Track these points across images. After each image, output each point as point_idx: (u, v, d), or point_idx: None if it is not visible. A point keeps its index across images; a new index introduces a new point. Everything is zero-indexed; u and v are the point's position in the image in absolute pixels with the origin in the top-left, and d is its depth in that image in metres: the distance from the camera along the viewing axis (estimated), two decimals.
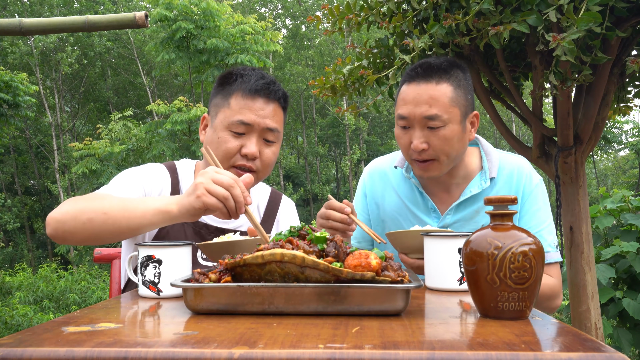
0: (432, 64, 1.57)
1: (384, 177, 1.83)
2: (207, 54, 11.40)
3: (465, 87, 1.60)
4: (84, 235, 1.32)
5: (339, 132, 25.59)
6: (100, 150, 11.34)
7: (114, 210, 1.29)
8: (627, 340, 3.32)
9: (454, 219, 1.69)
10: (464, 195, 1.68)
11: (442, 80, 1.55)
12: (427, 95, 1.54)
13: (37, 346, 0.75)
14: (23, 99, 8.85)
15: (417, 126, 1.57)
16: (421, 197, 1.74)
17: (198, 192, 1.21)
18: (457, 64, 1.61)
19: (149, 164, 1.67)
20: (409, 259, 1.47)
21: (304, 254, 0.97)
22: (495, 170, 1.68)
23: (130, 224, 1.28)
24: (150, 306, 1.10)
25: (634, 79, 2.62)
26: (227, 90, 1.57)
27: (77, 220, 1.30)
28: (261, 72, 1.59)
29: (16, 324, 6.98)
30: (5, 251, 17.74)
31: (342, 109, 2.77)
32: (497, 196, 0.96)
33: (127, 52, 22.10)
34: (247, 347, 0.73)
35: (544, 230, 1.65)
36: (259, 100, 1.54)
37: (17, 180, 21.47)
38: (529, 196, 1.67)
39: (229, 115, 1.53)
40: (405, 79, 1.61)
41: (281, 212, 1.80)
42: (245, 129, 1.52)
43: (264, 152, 1.56)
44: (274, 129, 1.56)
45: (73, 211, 1.32)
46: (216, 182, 1.21)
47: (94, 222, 1.29)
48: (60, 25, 2.51)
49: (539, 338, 0.81)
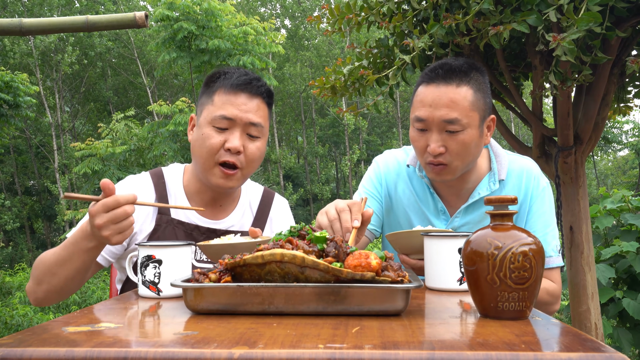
0: (453, 66, 1.52)
1: (398, 168, 1.78)
2: (208, 54, 11.39)
3: (485, 90, 1.56)
4: (54, 298, 1.47)
5: (339, 132, 25.61)
6: (102, 151, 11.33)
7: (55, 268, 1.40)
8: (627, 340, 3.32)
9: (463, 221, 1.67)
10: (473, 197, 1.65)
11: (462, 83, 1.51)
12: (448, 98, 1.50)
13: (37, 346, 0.75)
14: (23, 100, 8.85)
15: (435, 129, 1.53)
16: (432, 198, 1.71)
17: (101, 233, 1.26)
18: (476, 67, 1.57)
19: (130, 176, 1.69)
20: (410, 260, 1.46)
21: (303, 254, 0.97)
22: (504, 172, 1.65)
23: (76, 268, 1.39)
24: (150, 306, 1.10)
25: (634, 79, 2.62)
26: (211, 88, 1.59)
27: (41, 288, 1.45)
28: (245, 70, 1.61)
29: (16, 324, 6.98)
30: (5, 251, 17.74)
31: (342, 110, 2.78)
32: (497, 196, 0.96)
33: (128, 52, 22.10)
34: (247, 347, 0.73)
35: (548, 234, 1.63)
36: (241, 96, 1.55)
37: (17, 180, 21.48)
38: (537, 199, 1.65)
39: (212, 111, 1.55)
40: (424, 80, 1.56)
41: (274, 210, 1.80)
42: (228, 123, 1.53)
43: (248, 147, 1.56)
44: (257, 123, 1.56)
45: (33, 283, 1.47)
46: (114, 220, 1.27)
47: (53, 285, 1.43)
48: (60, 25, 2.51)
49: (539, 338, 0.81)
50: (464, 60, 1.56)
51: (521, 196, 1.65)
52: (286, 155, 25.12)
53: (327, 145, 26.55)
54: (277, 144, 24.60)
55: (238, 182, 1.58)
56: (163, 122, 11.62)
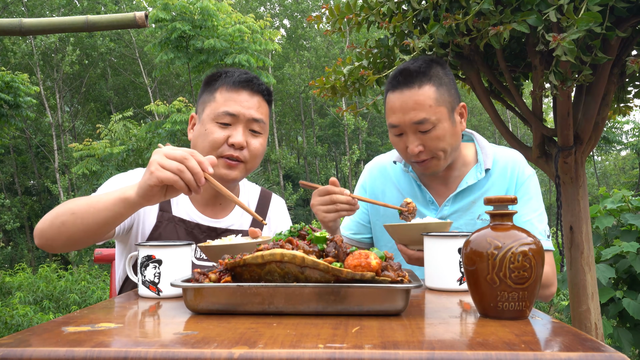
0: (411, 69, 1.60)
1: (384, 172, 1.87)
2: (205, 54, 11.39)
3: (447, 83, 1.63)
4: (62, 240, 1.35)
5: (339, 132, 25.61)
6: (100, 151, 11.33)
7: (80, 209, 1.31)
8: (627, 340, 3.32)
9: (452, 210, 1.74)
10: (461, 186, 1.73)
11: (423, 84, 1.58)
12: (412, 101, 1.58)
13: (37, 346, 0.75)
14: (24, 100, 8.84)
15: (409, 132, 1.61)
16: (419, 190, 1.79)
17: (152, 169, 1.20)
18: (435, 61, 1.64)
19: (137, 168, 1.70)
20: (409, 250, 1.49)
21: (303, 254, 0.97)
22: (490, 161, 1.73)
23: (97, 218, 1.29)
24: (150, 306, 1.10)
25: (634, 79, 2.62)
26: (213, 87, 1.62)
27: (52, 226, 1.34)
28: (244, 70, 1.66)
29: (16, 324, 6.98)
30: (5, 251, 17.74)
31: (342, 109, 2.78)
32: (497, 196, 0.96)
33: (129, 52, 22.10)
34: (247, 347, 0.73)
35: (534, 218, 1.70)
36: (243, 93, 1.59)
37: (17, 180, 21.47)
38: (522, 186, 1.73)
39: (215, 107, 1.58)
40: (389, 88, 1.65)
41: (272, 210, 1.83)
42: (231, 119, 1.57)
43: (251, 142, 1.60)
44: (260, 119, 1.60)
45: (49, 218, 1.36)
46: (169, 156, 1.21)
47: (66, 224, 1.32)
48: (60, 25, 2.51)
49: (538, 338, 0.81)
50: (422, 60, 1.64)
51: (506, 184, 1.73)
52: (286, 155, 25.11)
53: (327, 145, 26.55)
54: (277, 144, 24.60)
55: (241, 174, 1.61)
56: (161, 122, 11.62)
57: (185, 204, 1.67)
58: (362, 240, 1.90)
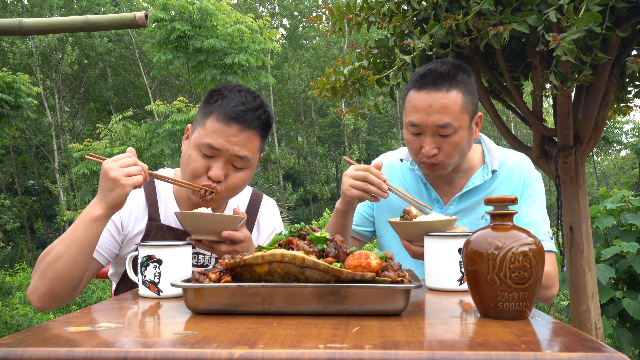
0: (441, 71, 1.58)
1: (391, 169, 1.87)
2: (205, 54, 11.38)
3: (472, 91, 1.62)
4: (62, 288, 1.38)
5: (339, 132, 25.62)
6: (100, 151, 11.33)
7: (61, 250, 1.35)
8: (627, 340, 3.32)
9: (457, 209, 1.74)
10: (467, 187, 1.73)
11: (452, 88, 1.57)
12: (439, 104, 1.56)
13: (37, 346, 0.75)
14: (25, 100, 8.84)
15: (428, 133, 1.60)
16: (425, 189, 1.79)
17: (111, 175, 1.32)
18: (462, 68, 1.63)
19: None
20: (413, 247, 1.48)
21: (304, 255, 0.97)
22: (496, 163, 1.74)
23: (81, 246, 1.35)
24: (150, 306, 1.10)
25: (634, 79, 2.62)
26: (208, 109, 1.54)
27: (45, 281, 1.37)
28: (245, 97, 1.54)
29: (16, 324, 6.97)
30: (5, 251, 17.74)
31: (342, 111, 2.78)
32: (497, 196, 0.96)
33: (129, 52, 22.10)
34: (247, 347, 0.73)
35: (538, 220, 1.70)
36: (233, 127, 1.50)
37: (17, 180, 21.48)
38: (527, 187, 1.73)
39: (202, 135, 1.51)
40: (414, 86, 1.61)
41: (261, 212, 1.79)
42: (213, 152, 1.50)
43: (231, 176, 1.54)
44: (244, 157, 1.52)
45: (37, 276, 1.39)
46: (123, 165, 1.35)
47: (57, 271, 1.35)
48: (60, 25, 2.51)
49: (539, 338, 0.81)
50: (450, 64, 1.62)
51: (512, 185, 1.73)
52: (286, 155, 25.12)
53: (327, 145, 26.56)
54: (277, 144, 24.60)
55: (216, 203, 1.57)
56: (161, 122, 11.62)
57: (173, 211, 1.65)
58: (363, 232, 1.89)
